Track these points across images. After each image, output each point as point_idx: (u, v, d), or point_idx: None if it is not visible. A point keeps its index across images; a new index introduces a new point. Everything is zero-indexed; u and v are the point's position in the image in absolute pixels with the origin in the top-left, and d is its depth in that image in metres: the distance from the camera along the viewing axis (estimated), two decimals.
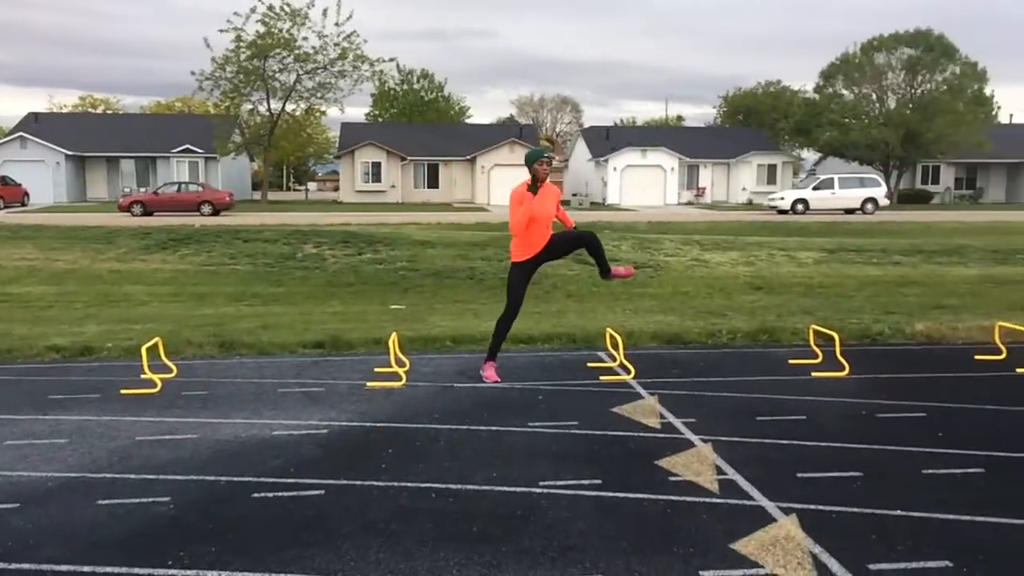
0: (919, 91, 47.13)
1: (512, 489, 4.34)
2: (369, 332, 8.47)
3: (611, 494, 4.27)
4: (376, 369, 6.96)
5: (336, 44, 46.60)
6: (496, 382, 6.63)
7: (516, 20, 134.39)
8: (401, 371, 6.70)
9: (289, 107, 48.79)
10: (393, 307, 11.09)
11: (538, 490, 4.33)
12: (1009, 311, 9.82)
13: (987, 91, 49.14)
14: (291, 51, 45.98)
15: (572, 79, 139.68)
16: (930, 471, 4.61)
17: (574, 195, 52.17)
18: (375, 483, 4.42)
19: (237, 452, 4.97)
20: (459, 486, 4.38)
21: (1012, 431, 5.37)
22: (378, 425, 5.50)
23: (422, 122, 65.74)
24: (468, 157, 52.48)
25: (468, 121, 75.43)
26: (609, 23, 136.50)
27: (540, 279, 14.09)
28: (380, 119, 70.73)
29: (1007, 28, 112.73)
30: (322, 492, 4.30)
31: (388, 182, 52.03)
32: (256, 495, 4.28)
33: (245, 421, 5.60)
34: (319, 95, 47.84)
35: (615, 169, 51.23)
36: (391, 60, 50.93)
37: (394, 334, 7.12)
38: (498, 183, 51.43)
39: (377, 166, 52.04)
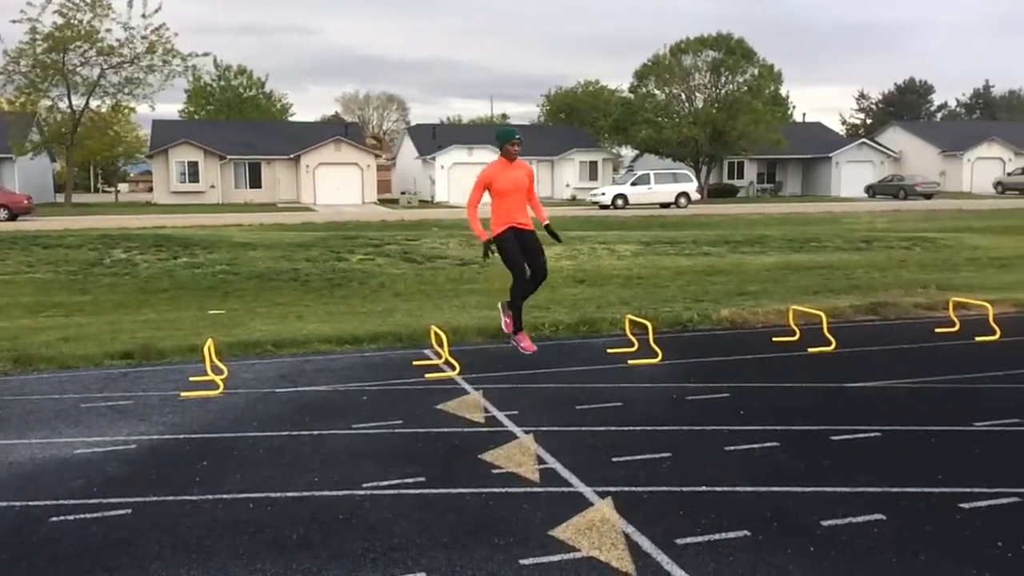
0: (723, 91, 50.24)
1: (334, 493, 4.28)
2: (184, 339, 8.09)
3: (434, 491, 4.29)
4: (191, 378, 6.65)
5: (143, 37, 44.13)
6: (532, 351, 7.38)
7: (337, 16, 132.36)
8: (218, 379, 6.44)
9: (93, 103, 45.82)
10: (212, 312, 10.64)
11: (361, 492, 4.28)
12: (802, 295, 10.65)
13: (782, 92, 53.18)
14: (93, 44, 43.12)
15: (398, 77, 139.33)
16: (732, 447, 4.92)
17: (402, 193, 51.99)
18: (188, 498, 4.23)
19: (33, 475, 4.61)
20: (279, 494, 4.26)
21: (804, 406, 5.83)
22: (192, 437, 5.27)
23: (242, 120, 63.39)
24: (292, 156, 51.10)
25: (291, 119, 73.48)
26: (433, 21, 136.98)
27: (367, 279, 13.96)
28: (196, 116, 67.65)
29: (799, 34, 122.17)
30: (129, 511, 4.06)
31: (207, 182, 49.83)
32: (55, 519, 3.99)
33: (43, 441, 5.21)
34: (126, 91, 45.25)
35: (442, 167, 51.47)
36: (205, 55, 48.89)
37: (210, 340, 6.83)
38: (324, 182, 50.46)
39: (194, 165, 49.71)
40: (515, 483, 4.39)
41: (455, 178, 51.23)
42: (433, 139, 54.55)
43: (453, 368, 6.89)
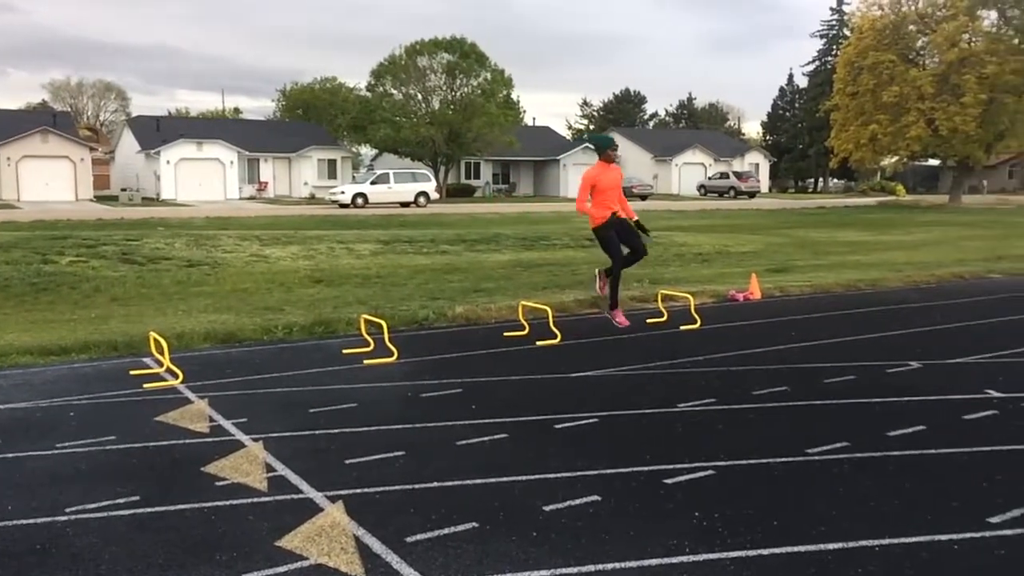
0: (458, 94, 51.48)
1: (30, 521, 3.85)
2: None
3: (150, 510, 3.99)
4: None
5: None
6: (626, 325, 8.53)
7: None
8: None
9: None
10: None
11: (63, 518, 3.89)
12: (532, 291, 11.18)
13: (514, 96, 55.48)
14: None
15: (116, 64, 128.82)
16: (463, 442, 5.04)
17: (123, 190, 48.06)
18: None
19: None
20: None
21: (531, 397, 6.11)
22: None
23: None
24: None
25: None
26: (156, 6, 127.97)
27: (80, 283, 12.76)
28: None
29: (527, 41, 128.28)
30: None
31: None
32: None
33: None
34: None
35: (168, 162, 48.22)
36: None
37: None
38: (29, 177, 45.50)
39: None
40: (241, 494, 4.20)
41: (183, 174, 48.21)
42: (157, 132, 50.94)
43: (175, 376, 6.47)
